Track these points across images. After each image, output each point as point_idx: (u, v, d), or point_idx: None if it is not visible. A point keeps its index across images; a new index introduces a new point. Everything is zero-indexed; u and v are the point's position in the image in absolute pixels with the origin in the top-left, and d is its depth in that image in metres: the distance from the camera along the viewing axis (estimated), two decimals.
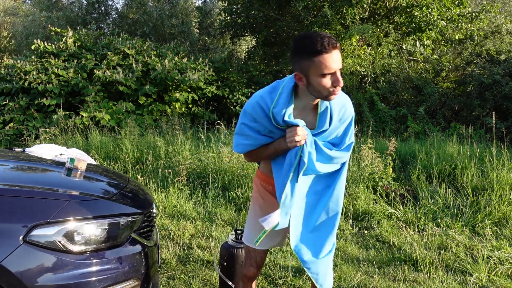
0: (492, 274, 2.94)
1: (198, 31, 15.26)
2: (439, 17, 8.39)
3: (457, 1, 8.49)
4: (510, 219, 3.82)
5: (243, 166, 4.87)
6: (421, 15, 8.45)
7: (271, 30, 10.23)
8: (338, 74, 1.50)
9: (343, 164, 1.77)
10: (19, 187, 1.82)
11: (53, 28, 9.21)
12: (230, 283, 2.37)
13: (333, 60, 1.47)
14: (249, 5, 9.94)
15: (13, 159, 2.43)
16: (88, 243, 1.74)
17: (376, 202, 4.18)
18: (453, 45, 9.83)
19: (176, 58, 8.54)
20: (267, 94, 1.65)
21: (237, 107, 9.05)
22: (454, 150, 5.13)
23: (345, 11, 8.03)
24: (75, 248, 1.70)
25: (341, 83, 1.51)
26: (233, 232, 2.46)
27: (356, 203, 4.14)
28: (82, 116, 7.08)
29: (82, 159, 2.29)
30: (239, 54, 15.33)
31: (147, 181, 4.76)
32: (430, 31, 8.52)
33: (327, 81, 1.50)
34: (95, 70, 7.79)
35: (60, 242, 1.67)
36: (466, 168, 4.62)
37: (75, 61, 8.08)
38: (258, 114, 1.66)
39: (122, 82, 7.59)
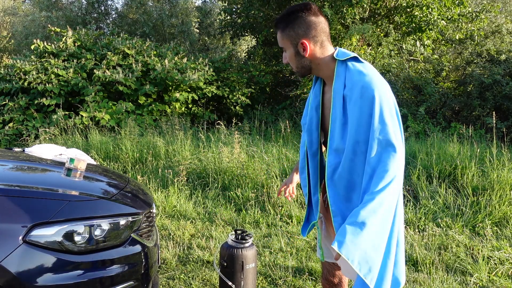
0: (493, 274, 2.93)
1: (198, 31, 15.27)
2: (439, 17, 8.39)
3: (457, 1, 8.48)
4: (511, 219, 3.82)
5: (243, 166, 4.86)
6: (421, 15, 8.45)
7: (271, 30, 10.23)
8: (283, 52, 1.59)
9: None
10: (19, 187, 1.82)
11: (52, 28, 9.20)
12: (230, 283, 2.36)
13: None
14: (249, 5, 9.94)
15: (13, 159, 2.43)
16: (88, 243, 1.74)
17: None
18: (454, 45, 9.83)
19: (176, 58, 8.53)
20: None
21: (237, 107, 9.04)
22: (454, 150, 5.12)
23: (345, 11, 8.02)
24: (75, 248, 1.70)
25: (283, 61, 1.61)
26: (233, 232, 2.46)
27: None
28: (81, 116, 7.08)
29: (82, 159, 2.29)
30: (239, 54, 15.33)
31: (147, 181, 4.76)
32: (430, 31, 8.52)
33: None
34: (95, 70, 7.79)
35: (59, 242, 1.67)
36: (466, 168, 4.61)
37: (75, 61, 8.08)
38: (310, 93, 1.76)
39: (122, 82, 7.59)
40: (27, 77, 7.41)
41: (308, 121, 1.63)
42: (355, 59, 1.51)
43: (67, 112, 7.24)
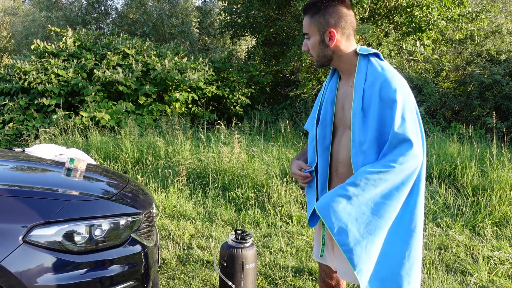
0: (493, 274, 2.93)
1: (198, 31, 15.28)
2: (439, 17, 8.39)
3: (457, 1, 8.48)
4: (511, 219, 3.82)
5: (243, 166, 4.86)
6: (421, 15, 8.45)
7: (271, 30, 10.23)
8: (305, 39, 1.58)
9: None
10: (19, 187, 1.82)
11: (52, 28, 9.20)
12: (230, 283, 2.36)
13: None
14: (249, 5, 9.94)
15: (13, 159, 2.43)
16: (88, 243, 1.74)
17: None
18: (454, 45, 9.82)
19: (176, 58, 8.53)
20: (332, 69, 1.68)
21: (237, 107, 9.05)
22: (454, 150, 5.12)
23: None
24: (75, 248, 1.70)
25: (303, 48, 1.58)
26: (233, 232, 2.46)
27: None
28: (81, 116, 7.08)
29: (82, 159, 2.29)
30: (239, 54, 15.33)
31: (147, 181, 4.76)
32: (430, 31, 8.52)
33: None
34: (95, 70, 7.79)
35: (59, 242, 1.67)
36: (466, 168, 4.61)
37: (75, 61, 8.08)
38: (322, 88, 1.72)
39: (122, 82, 7.59)
40: (27, 77, 7.40)
41: (323, 115, 1.62)
42: (377, 55, 1.53)
43: (67, 112, 7.25)
